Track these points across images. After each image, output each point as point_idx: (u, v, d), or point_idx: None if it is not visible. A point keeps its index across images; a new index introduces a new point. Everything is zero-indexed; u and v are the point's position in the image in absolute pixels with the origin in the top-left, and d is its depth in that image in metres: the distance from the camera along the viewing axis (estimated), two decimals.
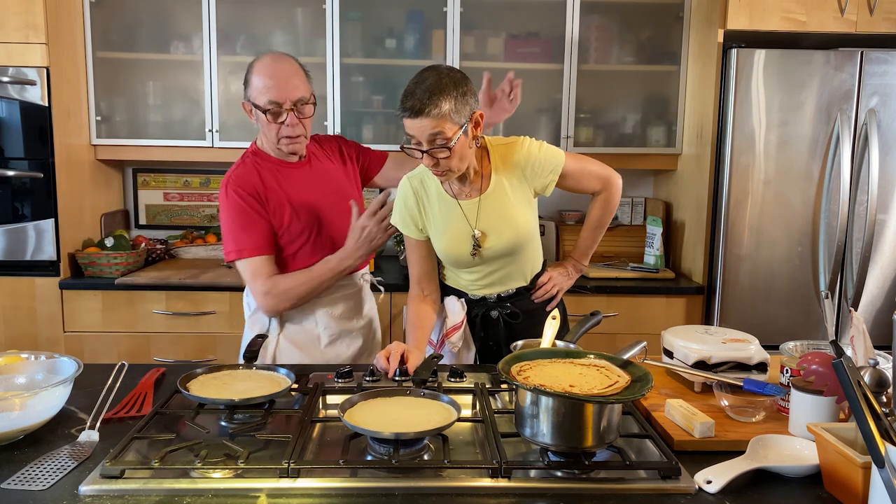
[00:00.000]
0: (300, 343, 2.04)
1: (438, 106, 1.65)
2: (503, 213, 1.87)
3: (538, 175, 1.88)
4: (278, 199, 1.96)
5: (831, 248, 2.89)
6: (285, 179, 1.99)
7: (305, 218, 1.97)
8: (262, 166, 1.98)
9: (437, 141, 1.69)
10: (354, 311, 2.11)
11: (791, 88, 2.84)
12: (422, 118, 1.66)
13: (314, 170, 2.05)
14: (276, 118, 1.89)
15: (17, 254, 2.90)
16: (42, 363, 1.54)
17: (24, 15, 2.77)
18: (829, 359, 1.36)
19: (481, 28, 3.18)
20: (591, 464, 1.22)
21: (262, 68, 1.89)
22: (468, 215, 1.87)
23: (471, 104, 1.72)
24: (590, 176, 1.97)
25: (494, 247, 1.88)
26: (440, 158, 1.72)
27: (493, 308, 1.98)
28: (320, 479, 1.19)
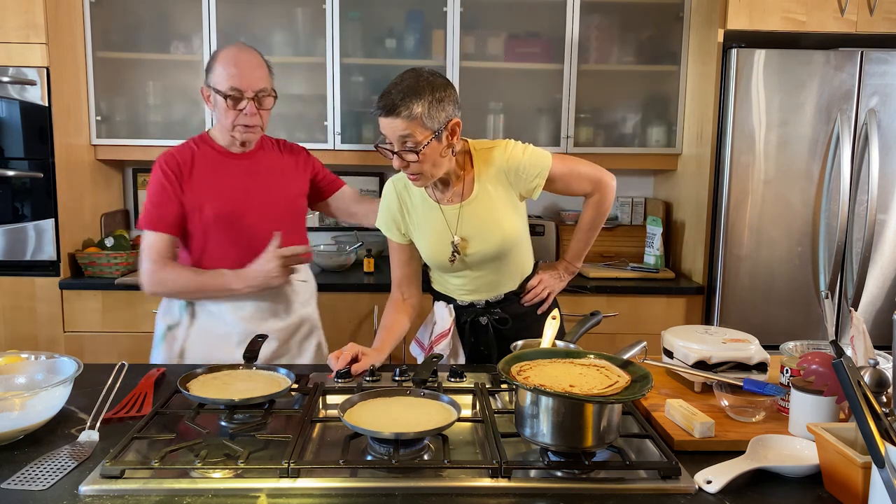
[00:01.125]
0: (211, 339, 2.03)
1: (410, 108, 1.64)
2: (487, 218, 1.84)
3: (523, 179, 1.85)
4: (203, 184, 1.98)
5: (831, 248, 2.89)
6: (220, 167, 2.01)
7: (225, 208, 1.97)
8: (201, 150, 2.03)
9: (407, 143, 1.68)
10: (268, 313, 2.04)
11: (791, 88, 2.84)
12: (392, 118, 1.65)
13: (255, 164, 2.05)
14: (235, 104, 1.92)
15: (17, 254, 2.90)
16: (42, 363, 1.54)
17: (24, 15, 2.77)
18: (829, 359, 1.36)
19: (481, 28, 3.18)
20: (591, 464, 1.22)
21: (227, 57, 1.94)
22: (449, 221, 1.85)
23: (447, 111, 1.69)
24: (579, 178, 1.93)
25: (479, 253, 1.86)
26: (409, 161, 1.70)
27: (482, 314, 1.96)
28: (320, 479, 1.19)
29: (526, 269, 2.00)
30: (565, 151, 3.21)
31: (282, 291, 2.06)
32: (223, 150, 2.04)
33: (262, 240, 1.96)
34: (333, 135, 3.14)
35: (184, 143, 2.07)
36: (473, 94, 3.19)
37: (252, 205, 2.01)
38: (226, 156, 2.03)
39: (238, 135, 1.98)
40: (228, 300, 2.01)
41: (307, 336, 2.15)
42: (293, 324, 2.10)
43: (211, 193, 1.98)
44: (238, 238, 1.99)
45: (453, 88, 1.73)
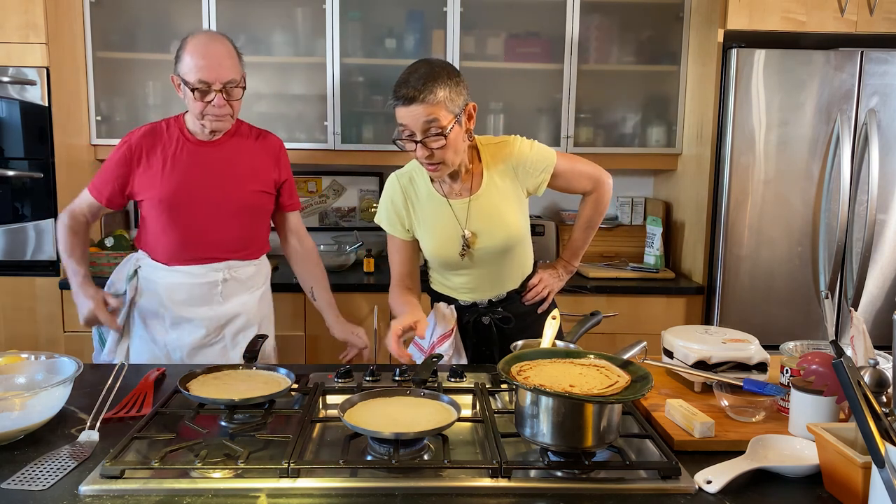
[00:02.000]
0: (149, 312, 2.09)
1: (434, 92, 1.64)
2: (495, 213, 1.86)
3: (530, 174, 1.87)
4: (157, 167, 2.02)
5: (831, 248, 2.89)
6: (182, 152, 2.04)
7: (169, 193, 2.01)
8: (170, 133, 2.06)
9: (432, 129, 1.66)
10: (199, 300, 2.08)
11: (791, 88, 2.84)
12: (416, 105, 1.64)
13: (220, 154, 2.06)
14: (203, 97, 1.94)
15: (17, 254, 2.90)
16: (42, 363, 1.54)
17: (24, 15, 2.77)
18: (829, 359, 1.36)
19: (481, 28, 3.18)
20: (591, 464, 1.22)
21: (195, 47, 1.94)
22: (458, 215, 1.85)
23: (464, 95, 1.72)
24: (580, 176, 1.96)
25: (486, 247, 1.87)
26: (434, 149, 1.69)
27: (485, 314, 1.96)
28: (320, 479, 1.19)
29: (527, 268, 2.00)
30: (565, 151, 3.20)
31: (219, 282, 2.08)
32: (191, 137, 2.06)
33: (204, 230, 2.03)
34: (333, 135, 3.14)
35: (158, 122, 2.10)
36: (473, 94, 3.13)
37: (200, 194, 2.03)
38: (192, 143, 2.05)
39: (207, 123, 1.99)
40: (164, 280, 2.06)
41: (243, 328, 2.14)
42: (225, 314, 2.11)
43: (161, 177, 2.02)
44: (177, 224, 2.03)
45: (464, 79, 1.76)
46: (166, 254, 2.06)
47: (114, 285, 2.15)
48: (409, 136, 1.69)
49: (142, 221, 2.12)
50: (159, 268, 2.08)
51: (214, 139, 2.06)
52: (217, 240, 2.06)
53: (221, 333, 2.12)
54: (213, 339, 2.11)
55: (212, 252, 2.07)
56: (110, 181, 2.07)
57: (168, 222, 2.04)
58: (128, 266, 2.15)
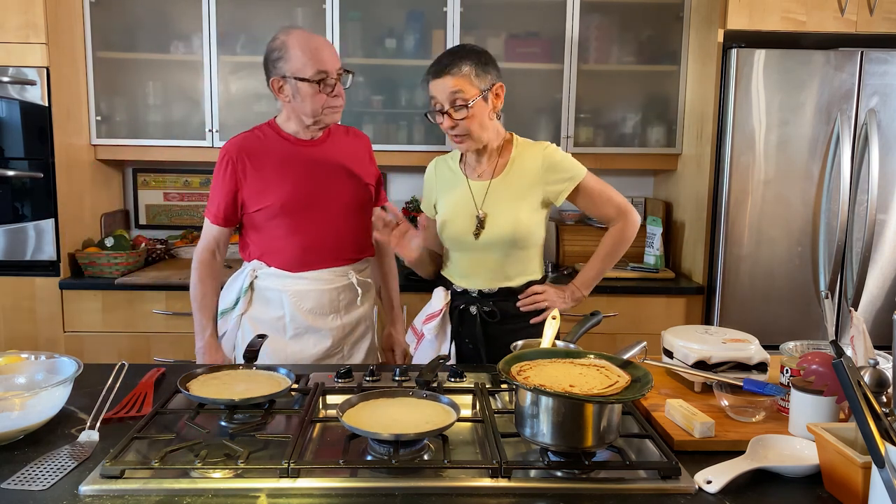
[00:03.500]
0: (265, 328, 1.99)
1: (459, 66, 1.81)
2: (508, 201, 1.90)
3: (553, 179, 1.90)
4: (268, 173, 1.96)
5: (831, 248, 2.89)
6: (288, 155, 1.98)
7: (290, 198, 1.95)
8: (269, 138, 2.00)
9: (458, 101, 1.81)
10: (329, 308, 2.02)
11: (791, 88, 2.84)
12: (443, 77, 1.81)
13: (325, 151, 2.02)
14: (326, 88, 1.90)
15: (17, 254, 2.90)
16: (42, 363, 1.54)
17: (24, 15, 2.77)
18: (829, 359, 1.36)
19: (481, 28, 3.18)
20: (591, 464, 1.22)
21: (301, 41, 1.90)
22: (475, 196, 1.93)
23: (492, 75, 1.85)
24: (607, 201, 1.96)
25: (491, 233, 1.90)
26: (459, 120, 1.82)
27: (473, 303, 1.97)
28: (320, 479, 1.19)
29: (530, 274, 1.99)
30: (565, 151, 3.20)
31: (346, 287, 2.03)
32: (291, 138, 2.00)
33: (328, 232, 1.98)
34: None
35: (250, 131, 2.04)
36: None
37: (320, 194, 1.98)
38: (294, 143, 2.00)
39: (326, 118, 1.95)
40: (290, 288, 1.99)
41: (362, 336, 2.11)
42: (350, 322, 2.06)
43: (276, 183, 1.95)
44: (300, 229, 1.97)
45: (495, 60, 1.90)
46: (291, 261, 1.98)
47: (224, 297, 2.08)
48: (438, 108, 1.84)
49: (253, 232, 2.03)
50: (283, 276, 1.99)
51: (315, 139, 2.02)
52: (341, 240, 2.01)
53: (343, 344, 2.06)
54: (336, 349, 2.05)
55: (338, 254, 2.01)
56: (223, 199, 1.99)
57: (290, 227, 1.97)
58: (240, 279, 2.05)
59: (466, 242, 1.93)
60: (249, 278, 2.03)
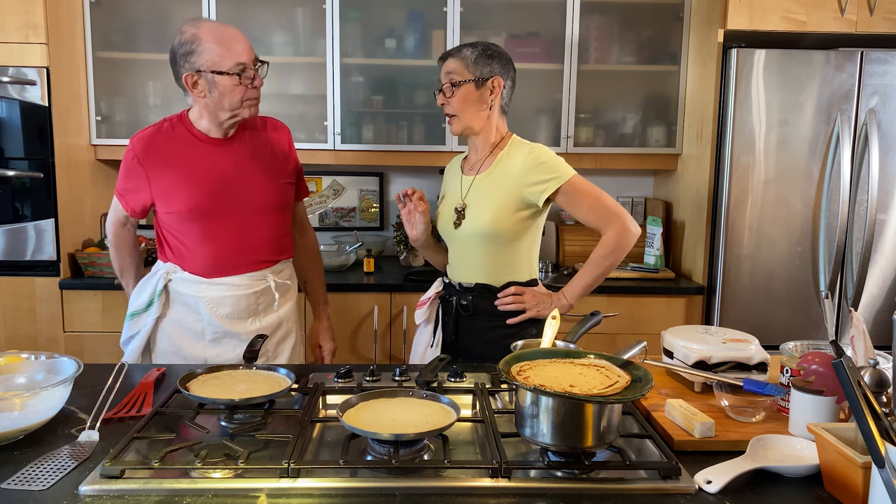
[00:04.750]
0: (181, 332, 1.96)
1: (461, 52, 1.94)
2: (488, 197, 1.94)
3: (533, 178, 1.88)
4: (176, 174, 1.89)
5: (831, 248, 2.89)
6: (198, 154, 1.91)
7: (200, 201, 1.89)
8: (178, 135, 1.92)
9: (451, 79, 1.93)
10: (247, 313, 1.98)
11: (791, 88, 2.84)
12: (447, 61, 1.96)
13: (239, 149, 1.95)
14: (245, 80, 1.83)
15: (17, 254, 2.90)
16: (42, 363, 1.54)
17: (24, 15, 2.77)
18: (829, 359, 1.36)
19: (481, 28, 3.18)
20: (591, 464, 1.22)
21: (215, 33, 1.82)
22: (463, 187, 2.01)
23: (493, 68, 1.94)
24: (597, 207, 1.89)
25: (471, 225, 1.95)
26: (448, 98, 1.94)
27: (454, 295, 2.03)
28: (320, 479, 1.19)
29: (513, 275, 1.97)
30: (565, 151, 3.21)
31: (264, 290, 1.99)
32: (202, 136, 1.92)
33: (243, 235, 1.92)
34: (333, 135, 3.14)
35: (159, 125, 1.94)
36: None
37: (233, 197, 1.92)
38: (205, 142, 1.92)
39: (246, 111, 1.88)
40: (206, 294, 1.94)
41: (285, 337, 2.08)
42: (271, 324, 2.02)
43: (186, 185, 1.88)
44: (214, 234, 1.92)
45: (510, 62, 1.99)
46: (205, 266, 1.93)
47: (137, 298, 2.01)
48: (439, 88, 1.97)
49: (166, 233, 1.98)
50: (198, 281, 1.94)
51: (230, 135, 1.94)
52: (258, 243, 1.95)
53: (265, 347, 2.00)
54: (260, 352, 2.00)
55: (255, 257, 1.96)
56: (132, 195, 1.95)
57: (202, 233, 1.91)
58: (153, 280, 1.99)
59: (449, 233, 2.02)
60: (164, 281, 1.97)
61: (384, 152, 3.19)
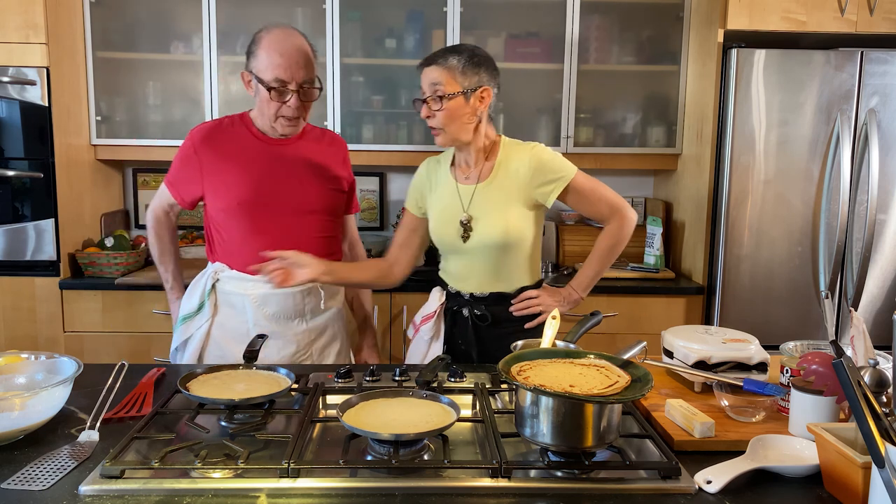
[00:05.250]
0: (229, 334, 1.97)
1: (446, 58, 1.81)
2: (497, 205, 1.88)
3: (542, 180, 1.87)
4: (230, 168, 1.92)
5: (831, 248, 2.89)
6: (254, 150, 1.94)
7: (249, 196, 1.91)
8: (237, 131, 1.96)
9: (437, 91, 1.80)
10: (293, 313, 1.98)
11: (791, 88, 2.84)
12: (430, 67, 1.82)
13: (292, 152, 1.97)
14: (280, 97, 1.85)
15: (17, 254, 2.90)
16: (42, 363, 1.54)
17: (24, 15, 2.77)
18: (829, 359, 1.36)
19: (481, 28, 3.18)
20: (591, 464, 1.22)
21: (271, 43, 1.85)
22: (463, 198, 1.91)
23: (481, 77, 1.83)
24: (601, 200, 1.92)
25: (482, 237, 1.88)
26: (434, 111, 1.82)
27: (465, 305, 1.96)
28: (320, 479, 1.19)
29: (524, 279, 1.96)
30: (565, 151, 3.21)
31: (311, 290, 1.99)
32: (259, 135, 1.96)
33: (291, 233, 1.92)
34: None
35: (218, 121, 2.01)
36: None
37: (283, 194, 1.94)
38: (263, 141, 1.96)
39: (279, 127, 1.91)
40: (252, 291, 1.94)
41: (330, 342, 2.07)
42: (317, 327, 2.03)
43: (238, 179, 1.92)
44: (262, 229, 1.93)
45: (495, 67, 1.88)
46: (251, 262, 1.89)
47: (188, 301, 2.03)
48: (422, 97, 1.85)
49: (215, 231, 2.00)
50: (245, 279, 1.94)
51: (285, 137, 1.97)
52: (306, 242, 1.92)
53: (310, 350, 2.01)
54: (302, 356, 2.01)
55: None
56: (184, 185, 1.98)
57: (251, 228, 1.93)
58: (202, 281, 2.02)
59: (455, 246, 1.92)
60: (212, 280, 1.99)
61: (384, 152, 3.19)
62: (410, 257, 2.06)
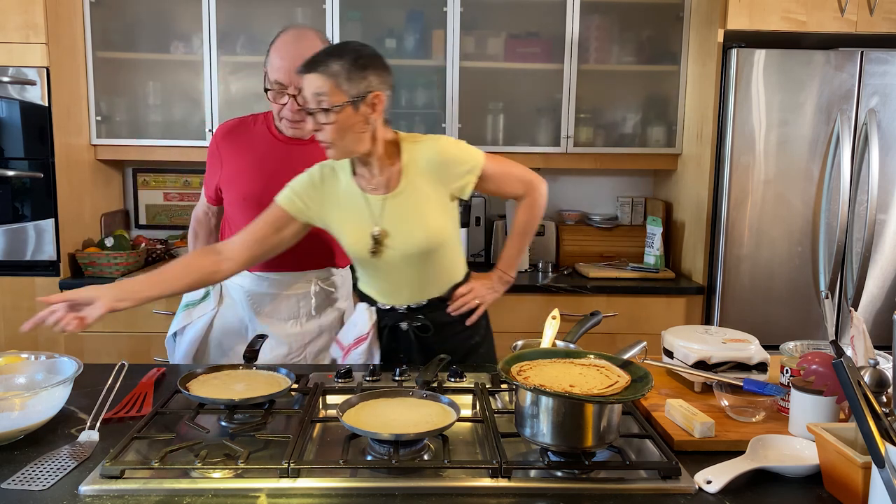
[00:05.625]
0: (229, 327, 2.01)
1: (328, 65, 1.59)
2: (413, 213, 1.74)
3: (453, 174, 1.75)
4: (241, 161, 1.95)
5: (831, 248, 2.89)
6: (266, 147, 1.96)
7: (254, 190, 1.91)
8: (258, 128, 1.99)
9: (322, 103, 1.60)
10: (286, 314, 1.99)
11: (791, 88, 2.84)
12: (310, 74, 1.61)
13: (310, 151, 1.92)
14: (276, 99, 1.88)
15: (17, 254, 2.90)
16: (42, 363, 1.54)
17: (24, 15, 2.77)
18: (829, 359, 1.36)
19: (481, 28, 3.18)
20: (591, 464, 1.22)
21: (281, 44, 1.86)
22: (373, 211, 1.75)
23: (370, 81, 1.62)
24: (512, 179, 1.85)
25: (402, 249, 1.76)
26: (322, 125, 1.63)
27: (402, 319, 1.85)
28: (320, 479, 1.19)
29: (454, 276, 1.87)
30: (565, 151, 3.21)
31: (305, 294, 1.98)
32: (278, 135, 1.97)
33: None
34: None
35: (246, 117, 2.04)
36: (473, 94, 3.19)
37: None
38: (280, 140, 1.96)
39: (284, 128, 1.93)
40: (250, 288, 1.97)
41: (325, 347, 2.04)
42: (311, 331, 2.02)
43: (247, 173, 1.94)
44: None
45: (385, 66, 1.67)
46: None
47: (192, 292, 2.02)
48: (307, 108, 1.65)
49: (226, 222, 2.05)
50: (244, 274, 1.95)
51: (304, 138, 1.95)
52: (308, 244, 1.88)
53: (304, 353, 2.01)
54: (295, 357, 2.01)
55: (302, 258, 1.95)
56: (210, 181, 2.04)
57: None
58: None
59: (373, 262, 1.79)
60: None
61: None
62: (253, 258, 1.79)
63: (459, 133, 3.17)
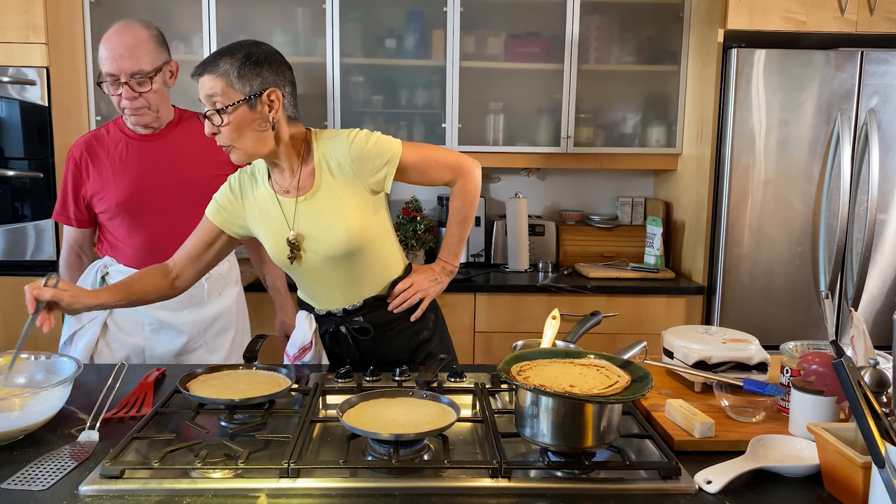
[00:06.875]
0: (125, 324, 2.03)
1: (217, 65, 1.56)
2: (330, 214, 1.66)
3: (369, 169, 1.66)
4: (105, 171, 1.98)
5: (831, 248, 2.89)
6: (125, 151, 1.99)
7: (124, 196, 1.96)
8: (112, 135, 2.02)
9: (215, 104, 1.57)
10: (178, 304, 1.97)
11: (791, 88, 2.84)
12: (202, 77, 1.58)
13: (163, 146, 2.00)
14: (111, 91, 1.92)
15: (17, 254, 2.90)
16: (42, 363, 1.54)
17: (24, 15, 2.77)
18: (829, 359, 1.36)
19: (481, 28, 3.18)
20: (591, 464, 1.22)
21: (105, 38, 1.93)
22: (287, 215, 1.69)
23: (265, 78, 1.57)
24: (437, 165, 1.76)
25: (323, 252, 1.68)
26: (217, 126, 1.58)
27: (341, 323, 1.79)
28: (320, 479, 1.19)
29: (389, 272, 1.79)
30: (565, 151, 3.21)
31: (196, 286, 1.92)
32: (131, 133, 2.01)
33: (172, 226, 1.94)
34: None
35: (96, 130, 2.07)
36: (473, 94, 3.19)
37: (159, 189, 1.98)
38: (136, 139, 2.01)
39: (128, 119, 1.97)
40: None
41: (222, 331, 2.11)
42: (209, 317, 2.07)
43: (113, 180, 1.97)
44: (142, 225, 1.99)
45: (282, 63, 1.62)
46: (137, 257, 1.98)
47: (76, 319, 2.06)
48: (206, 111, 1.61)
49: (101, 230, 2.08)
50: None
51: (158, 131, 2.01)
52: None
53: (203, 339, 2.07)
54: (195, 344, 2.06)
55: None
56: (71, 201, 2.03)
57: (132, 225, 1.99)
58: (91, 274, 2.06)
59: (297, 267, 1.73)
60: (101, 273, 2.04)
61: None
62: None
63: (460, 133, 3.18)
